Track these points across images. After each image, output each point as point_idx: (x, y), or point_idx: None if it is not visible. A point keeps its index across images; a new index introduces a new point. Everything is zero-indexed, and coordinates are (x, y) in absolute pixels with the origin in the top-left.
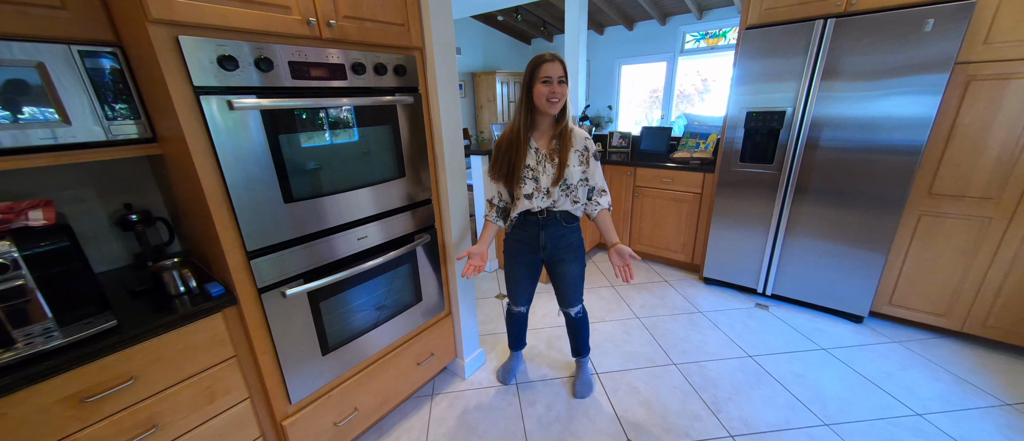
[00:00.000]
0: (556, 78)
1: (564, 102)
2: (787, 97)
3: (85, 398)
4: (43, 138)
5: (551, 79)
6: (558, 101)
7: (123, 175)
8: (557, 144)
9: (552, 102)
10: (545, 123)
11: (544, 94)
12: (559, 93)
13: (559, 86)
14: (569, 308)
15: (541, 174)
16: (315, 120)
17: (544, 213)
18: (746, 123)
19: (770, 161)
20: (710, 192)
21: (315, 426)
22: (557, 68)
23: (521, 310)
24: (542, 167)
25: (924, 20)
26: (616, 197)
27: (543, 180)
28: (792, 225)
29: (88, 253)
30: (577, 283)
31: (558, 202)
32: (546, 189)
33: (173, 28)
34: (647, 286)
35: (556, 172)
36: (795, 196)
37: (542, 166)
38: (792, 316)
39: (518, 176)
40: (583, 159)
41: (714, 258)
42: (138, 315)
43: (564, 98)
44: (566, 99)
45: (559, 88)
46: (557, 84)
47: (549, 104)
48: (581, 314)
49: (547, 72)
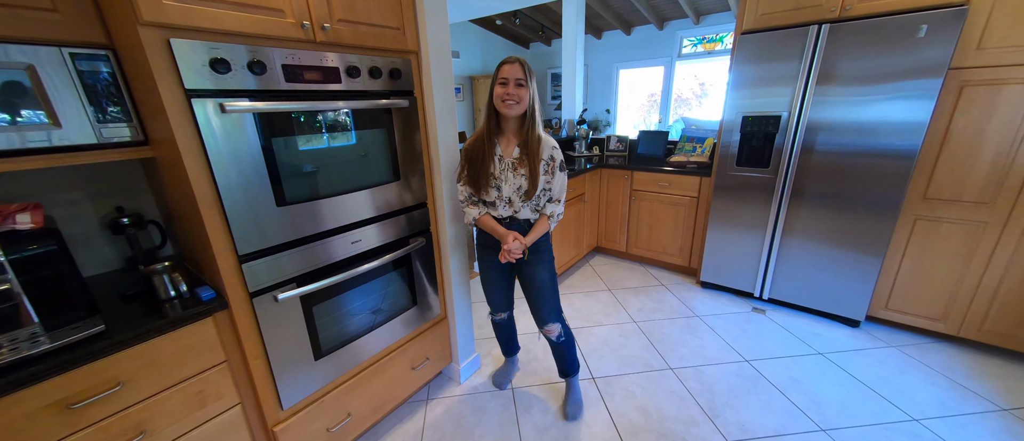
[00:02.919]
0: (513, 80)
1: (524, 106)
2: (783, 101)
3: (71, 404)
4: (33, 140)
5: (508, 80)
6: (514, 103)
7: (115, 178)
8: (522, 153)
9: (507, 104)
10: (510, 128)
11: (500, 95)
12: (515, 95)
13: (516, 89)
14: (546, 326)
15: (503, 183)
16: (309, 123)
17: (507, 220)
18: (742, 127)
19: (766, 165)
20: (707, 196)
21: (307, 432)
22: (515, 70)
23: (502, 317)
24: (505, 176)
25: (917, 26)
26: (612, 200)
27: (505, 189)
28: (789, 229)
29: (80, 256)
30: (547, 291)
31: (520, 211)
32: (508, 198)
33: (165, 31)
34: (644, 290)
35: (527, 185)
36: (791, 200)
37: (505, 175)
38: (789, 320)
39: (483, 182)
40: (548, 168)
41: (711, 262)
42: (127, 319)
43: (522, 101)
44: (528, 104)
45: (516, 90)
46: (514, 86)
47: (504, 106)
48: (563, 338)
49: (504, 73)
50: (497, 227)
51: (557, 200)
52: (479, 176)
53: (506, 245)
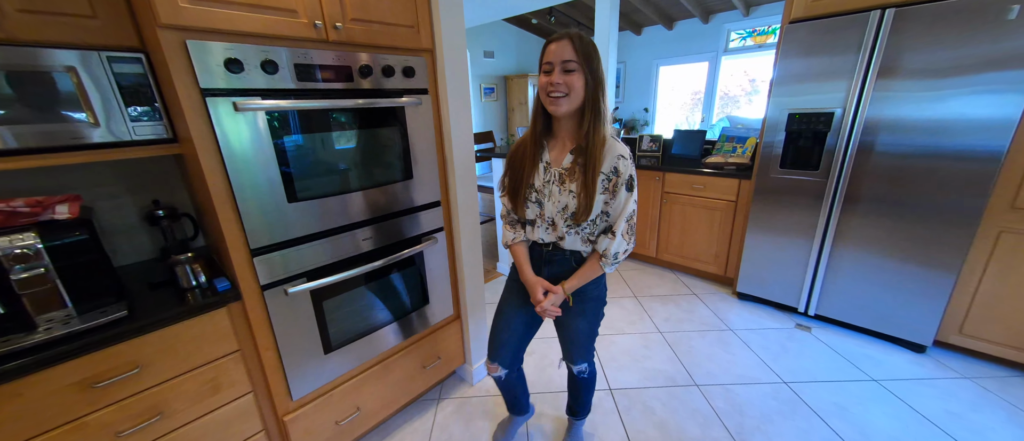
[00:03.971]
0: (559, 63)
1: (579, 99)
2: (836, 97)
3: (95, 383)
4: (73, 138)
5: (553, 66)
6: (562, 96)
7: (152, 173)
8: (577, 161)
9: (553, 98)
10: (564, 128)
11: (544, 86)
12: (563, 84)
13: (564, 76)
14: (572, 364)
15: (546, 199)
16: (321, 121)
17: (550, 247)
18: (788, 126)
19: (815, 167)
20: (746, 200)
21: (316, 423)
22: (563, 49)
23: (500, 374)
24: (549, 191)
25: (1006, 7)
26: (643, 202)
27: (548, 207)
28: (841, 238)
29: (120, 245)
30: (582, 340)
31: (566, 238)
32: (551, 220)
33: (181, 32)
34: (673, 298)
35: (577, 204)
36: (844, 206)
37: (549, 190)
38: (839, 340)
39: (521, 195)
40: (609, 185)
41: (749, 271)
42: (150, 306)
43: (575, 92)
44: (585, 93)
45: (564, 78)
46: (560, 72)
47: (551, 101)
48: (586, 374)
49: (548, 57)
50: (525, 267)
51: (615, 232)
52: (518, 187)
53: (535, 300)
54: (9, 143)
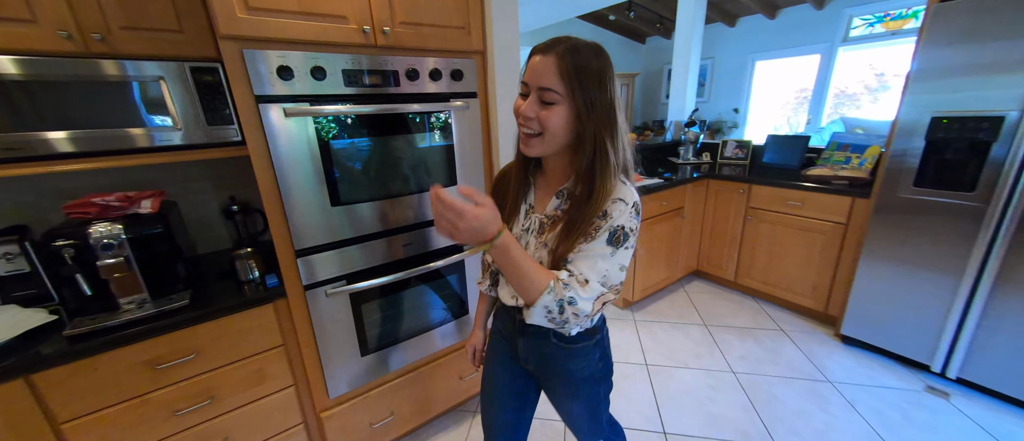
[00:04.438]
0: (535, 89)
1: (557, 141)
2: (1007, 96)
3: (158, 364)
4: (159, 140)
5: (528, 88)
6: (532, 134)
7: (231, 172)
8: (564, 207)
9: (523, 134)
10: (557, 165)
11: (515, 114)
12: (534, 120)
13: (540, 108)
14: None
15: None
16: (366, 126)
17: (514, 312)
18: (930, 132)
19: (970, 187)
20: (861, 222)
21: (351, 423)
22: (543, 71)
23: None
24: (525, 241)
25: None
26: (721, 217)
27: None
28: (1004, 281)
29: (202, 237)
30: (584, 424)
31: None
32: None
33: (239, 42)
34: (753, 332)
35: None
36: (1014, 240)
37: (525, 240)
38: (989, 416)
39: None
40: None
41: (860, 310)
42: (209, 296)
43: (550, 133)
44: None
45: (538, 111)
46: (535, 103)
47: (521, 136)
48: None
49: (527, 74)
50: (478, 318)
51: (583, 279)
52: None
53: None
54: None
